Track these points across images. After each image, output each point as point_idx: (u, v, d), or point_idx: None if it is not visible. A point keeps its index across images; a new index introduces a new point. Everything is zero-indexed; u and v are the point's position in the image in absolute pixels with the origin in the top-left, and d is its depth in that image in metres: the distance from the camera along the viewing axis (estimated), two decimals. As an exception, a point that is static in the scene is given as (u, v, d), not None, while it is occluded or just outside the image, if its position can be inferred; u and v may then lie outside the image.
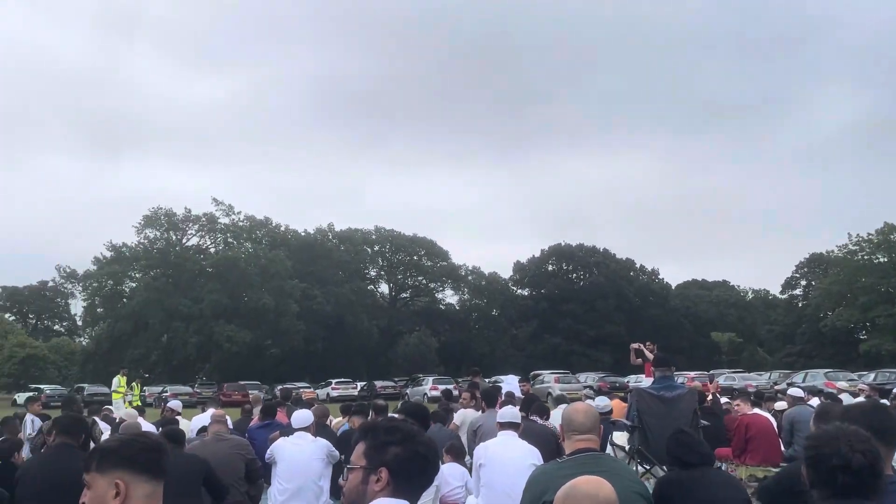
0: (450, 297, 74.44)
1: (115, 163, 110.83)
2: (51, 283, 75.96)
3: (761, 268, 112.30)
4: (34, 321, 78.63)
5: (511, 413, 5.68)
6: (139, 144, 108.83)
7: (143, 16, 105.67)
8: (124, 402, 21.08)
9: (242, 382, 40.49)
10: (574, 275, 71.60)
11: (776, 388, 26.39)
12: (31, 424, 9.86)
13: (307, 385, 42.30)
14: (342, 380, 43.42)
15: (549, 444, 6.42)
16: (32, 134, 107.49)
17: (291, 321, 56.71)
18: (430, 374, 43.91)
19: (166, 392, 37.57)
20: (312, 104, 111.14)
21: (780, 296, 71.88)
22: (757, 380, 34.77)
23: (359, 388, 41.35)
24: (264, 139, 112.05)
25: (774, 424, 9.31)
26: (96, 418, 9.57)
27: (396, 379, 47.85)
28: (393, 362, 62.31)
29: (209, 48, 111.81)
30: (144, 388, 36.16)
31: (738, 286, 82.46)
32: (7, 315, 73.11)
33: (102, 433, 8.70)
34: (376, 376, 50.84)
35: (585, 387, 32.07)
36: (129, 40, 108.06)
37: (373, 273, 74.03)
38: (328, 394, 38.92)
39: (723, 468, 7.41)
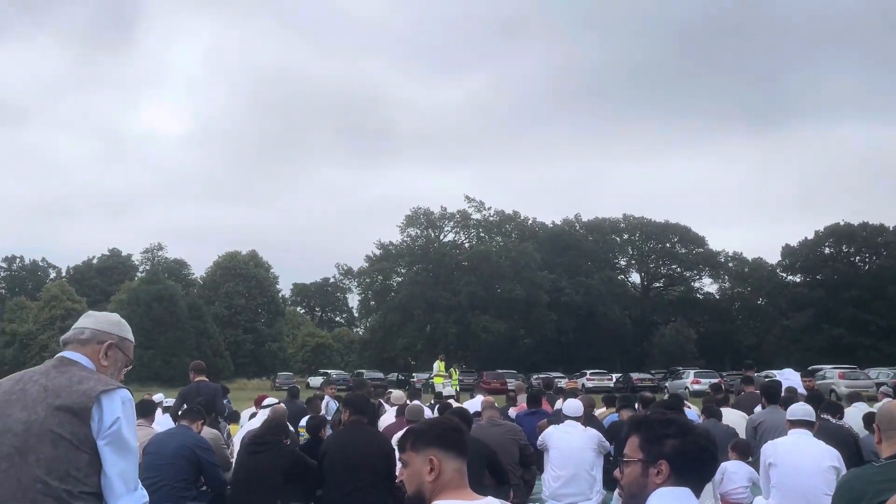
0: (708, 285, 70.27)
1: (377, 169, 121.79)
2: (331, 280, 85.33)
3: None
4: (319, 313, 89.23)
5: (804, 410, 5.18)
6: (396, 151, 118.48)
7: (385, 34, 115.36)
8: (444, 386, 23.12)
9: (500, 371, 41.93)
10: (857, 257, 63.21)
11: None
12: (326, 405, 11.19)
13: (561, 375, 42.65)
14: (597, 371, 43.07)
15: (847, 446, 5.77)
16: (311, 150, 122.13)
17: (542, 312, 57.57)
18: (690, 366, 41.82)
19: (431, 379, 40.31)
20: (548, 96, 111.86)
21: None
22: None
23: (614, 379, 40.72)
24: (507, 135, 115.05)
25: None
26: (381, 400, 10.57)
27: (653, 371, 46.29)
28: (648, 354, 60.41)
29: (444, 54, 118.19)
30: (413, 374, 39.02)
31: None
32: (298, 309, 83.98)
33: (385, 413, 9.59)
34: (631, 368, 49.63)
35: (878, 384, 28.14)
36: (377, 56, 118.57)
37: (623, 262, 72.35)
38: (583, 385, 38.83)
39: None
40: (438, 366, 25.38)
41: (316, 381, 46.94)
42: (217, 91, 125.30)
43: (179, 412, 6.78)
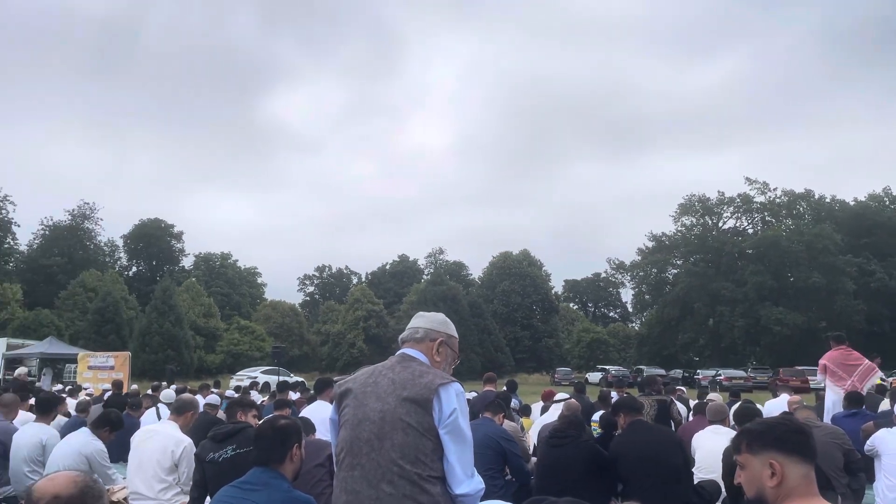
0: None
1: (634, 161, 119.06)
2: (603, 275, 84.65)
3: None
4: (592, 309, 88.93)
5: None
6: (652, 140, 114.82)
7: (630, 26, 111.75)
8: None
9: (800, 367, 37.99)
10: None
11: None
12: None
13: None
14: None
15: None
16: (566, 149, 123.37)
17: (847, 300, 50.95)
18: None
19: (719, 376, 37.87)
20: (822, 65, 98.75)
21: None
22: None
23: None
24: (779, 110, 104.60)
25: None
26: (672, 398, 10.15)
27: None
28: None
29: (692, 37, 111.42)
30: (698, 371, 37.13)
31: None
32: (571, 305, 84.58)
33: (680, 413, 9.19)
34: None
35: None
36: (622, 49, 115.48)
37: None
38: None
39: None
40: None
41: (595, 376, 46.85)
42: (474, 103, 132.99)
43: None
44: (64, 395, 13.17)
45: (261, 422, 4.16)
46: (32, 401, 9.26)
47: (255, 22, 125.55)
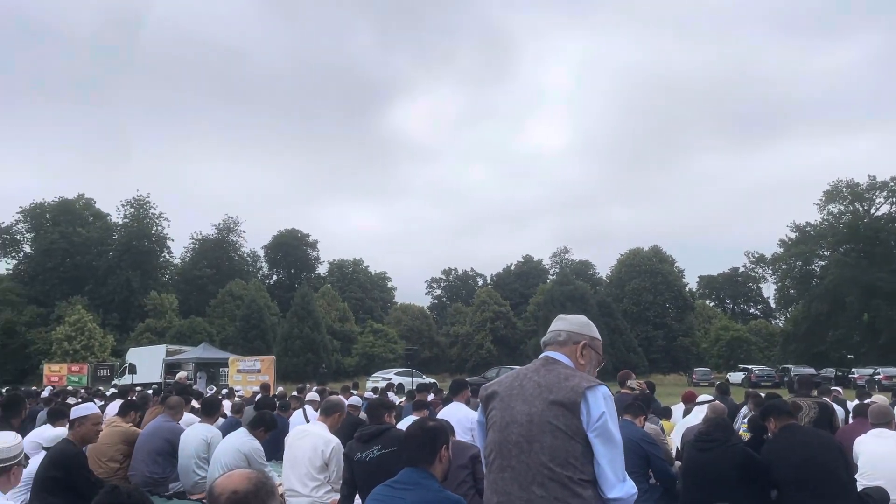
0: None
1: (766, 148, 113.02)
2: (741, 269, 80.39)
3: None
4: (731, 306, 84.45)
5: None
6: (783, 127, 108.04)
7: (747, 7, 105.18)
8: None
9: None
10: None
11: None
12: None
13: None
14: None
15: None
16: (688, 142, 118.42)
17: None
18: None
19: (878, 375, 34.95)
20: None
21: None
22: None
23: None
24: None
25: None
26: (828, 399, 9.47)
27: None
28: None
29: (820, 18, 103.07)
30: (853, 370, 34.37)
31: None
32: (707, 302, 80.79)
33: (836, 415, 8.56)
34: None
35: None
36: (745, 35, 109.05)
37: None
38: None
39: None
40: None
41: (736, 376, 44.53)
42: (591, 101, 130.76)
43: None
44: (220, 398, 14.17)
45: (405, 423, 4.30)
46: (193, 403, 10.06)
47: (372, 40, 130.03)
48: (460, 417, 6.63)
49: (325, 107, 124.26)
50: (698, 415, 7.49)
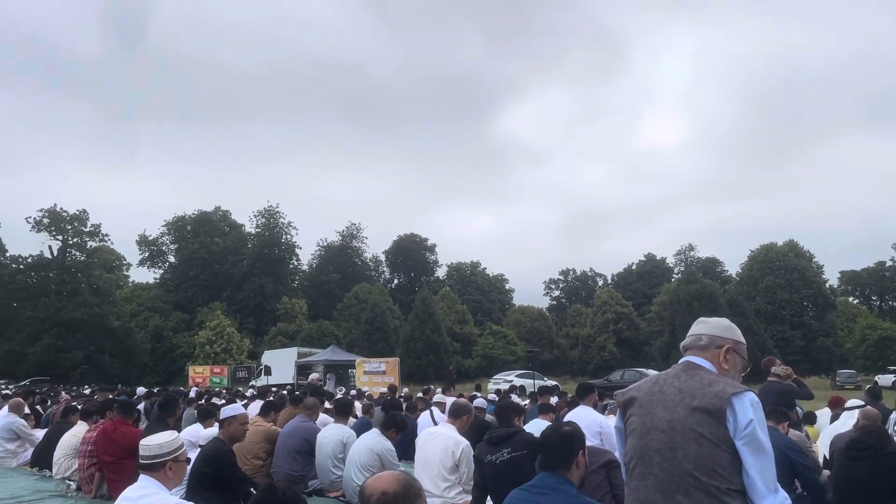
0: None
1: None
2: (889, 263, 74.30)
3: None
4: (877, 302, 78.08)
5: None
6: None
7: None
8: None
9: None
10: None
11: None
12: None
13: None
14: None
15: None
16: (818, 127, 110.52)
17: None
18: None
19: None
20: None
21: None
22: None
23: None
24: None
25: None
26: None
27: None
28: None
29: None
30: None
31: None
32: (850, 299, 75.06)
33: None
34: None
35: None
36: (870, 10, 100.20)
37: None
38: None
39: None
40: None
41: (886, 378, 41.04)
42: (708, 94, 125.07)
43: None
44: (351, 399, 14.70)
45: (531, 427, 4.28)
46: (326, 404, 10.49)
47: (482, 46, 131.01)
48: (589, 422, 6.53)
49: (438, 114, 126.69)
50: (847, 421, 7.00)
